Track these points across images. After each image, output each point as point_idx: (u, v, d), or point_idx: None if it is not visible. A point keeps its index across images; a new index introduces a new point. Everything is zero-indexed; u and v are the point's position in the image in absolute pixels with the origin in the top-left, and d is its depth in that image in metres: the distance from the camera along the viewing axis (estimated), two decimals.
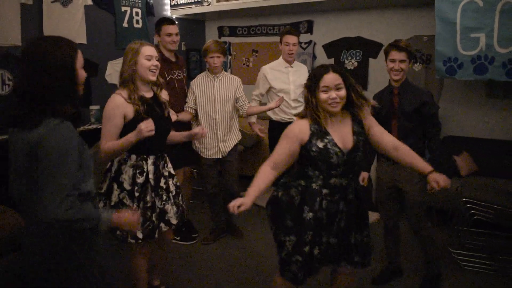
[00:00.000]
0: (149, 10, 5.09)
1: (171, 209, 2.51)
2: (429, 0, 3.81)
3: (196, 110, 3.50)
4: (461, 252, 3.36)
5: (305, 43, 5.29)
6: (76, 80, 1.55)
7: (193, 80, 3.53)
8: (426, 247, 2.91)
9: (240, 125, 3.80)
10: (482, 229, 3.57)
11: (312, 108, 2.03)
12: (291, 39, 3.64)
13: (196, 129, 2.68)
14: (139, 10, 4.94)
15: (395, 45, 2.73)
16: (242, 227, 3.89)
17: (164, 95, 2.60)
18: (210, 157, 3.55)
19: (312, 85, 2.02)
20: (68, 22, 4.20)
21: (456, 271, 3.16)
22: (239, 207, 1.91)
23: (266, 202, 2.23)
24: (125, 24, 4.81)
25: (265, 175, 2.04)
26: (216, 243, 3.70)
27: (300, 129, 2.04)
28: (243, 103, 3.56)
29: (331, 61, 5.10)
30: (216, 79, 3.47)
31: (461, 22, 3.57)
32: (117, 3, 4.68)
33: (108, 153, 2.24)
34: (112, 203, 2.34)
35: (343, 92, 1.99)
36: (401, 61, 2.70)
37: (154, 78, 2.39)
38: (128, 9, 4.81)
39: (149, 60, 2.34)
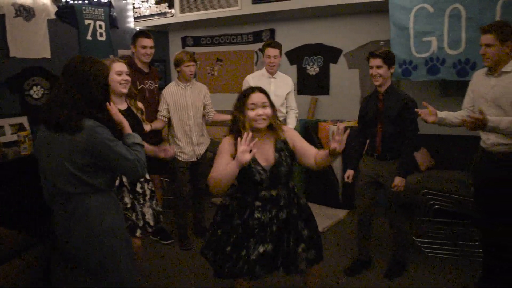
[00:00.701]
0: (112, 23, 5.13)
1: (148, 211, 2.66)
2: (384, 7, 4.06)
3: (169, 118, 3.60)
4: (425, 240, 3.60)
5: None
6: (109, 93, 1.91)
7: (165, 90, 3.63)
8: (397, 238, 3.14)
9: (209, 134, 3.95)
10: (442, 218, 3.83)
11: (239, 126, 2.19)
12: (272, 51, 3.72)
13: (163, 147, 2.80)
14: (102, 23, 4.97)
15: (371, 53, 2.96)
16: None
17: (140, 104, 2.74)
18: (186, 161, 3.66)
19: (240, 104, 2.20)
20: (32, 36, 4.19)
21: (420, 258, 3.38)
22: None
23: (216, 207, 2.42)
24: (89, 37, 4.83)
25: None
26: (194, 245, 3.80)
27: (229, 145, 2.20)
28: (209, 110, 3.77)
29: (294, 67, 5.30)
30: (187, 87, 3.61)
31: (414, 27, 3.83)
32: (80, 17, 4.70)
33: None
34: None
35: (269, 110, 2.19)
36: (378, 66, 2.91)
37: (125, 91, 2.60)
38: (92, 22, 4.84)
39: (119, 75, 2.55)
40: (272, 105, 2.23)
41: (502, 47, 2.45)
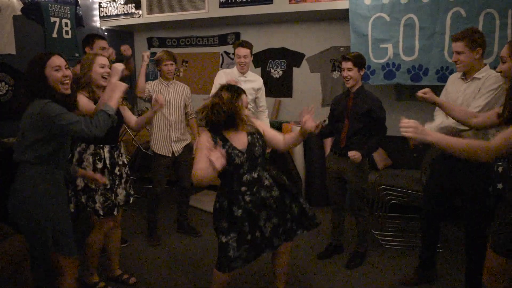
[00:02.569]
0: (78, 21, 5.12)
1: (121, 193, 2.86)
2: (344, 15, 4.31)
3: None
4: (382, 233, 3.85)
5: (233, 54, 5.60)
6: (45, 80, 2.14)
7: (149, 82, 3.72)
8: (360, 229, 3.38)
9: None
10: (398, 213, 4.10)
11: (225, 116, 2.33)
12: (242, 51, 3.79)
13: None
14: (68, 21, 4.95)
15: (343, 56, 3.19)
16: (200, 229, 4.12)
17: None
18: (164, 154, 3.71)
19: (233, 99, 2.33)
20: None
21: (378, 250, 3.62)
22: None
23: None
24: (54, 35, 4.80)
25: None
26: (179, 242, 3.86)
27: (207, 140, 2.36)
28: (189, 110, 3.90)
29: (258, 70, 5.47)
30: (169, 86, 3.73)
31: (372, 34, 4.11)
32: (46, 14, 4.67)
33: None
34: (79, 188, 2.65)
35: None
36: (349, 69, 3.15)
37: (106, 83, 2.66)
38: (58, 19, 4.82)
39: (102, 67, 2.67)
40: None
41: (472, 53, 2.58)
